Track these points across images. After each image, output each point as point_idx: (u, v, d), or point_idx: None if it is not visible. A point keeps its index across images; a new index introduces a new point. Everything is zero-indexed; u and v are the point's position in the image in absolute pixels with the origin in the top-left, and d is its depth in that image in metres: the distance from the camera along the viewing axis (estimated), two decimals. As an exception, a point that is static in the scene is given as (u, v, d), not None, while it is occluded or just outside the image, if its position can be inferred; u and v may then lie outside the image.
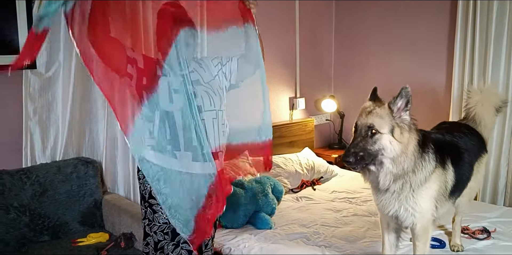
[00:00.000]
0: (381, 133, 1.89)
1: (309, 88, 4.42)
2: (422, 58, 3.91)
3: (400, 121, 1.92)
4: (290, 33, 4.20)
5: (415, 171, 1.97)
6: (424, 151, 2.00)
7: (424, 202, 2.04)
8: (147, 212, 1.99)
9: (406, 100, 1.92)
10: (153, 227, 1.98)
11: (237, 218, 2.86)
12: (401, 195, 2.01)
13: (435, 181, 2.05)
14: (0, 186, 2.56)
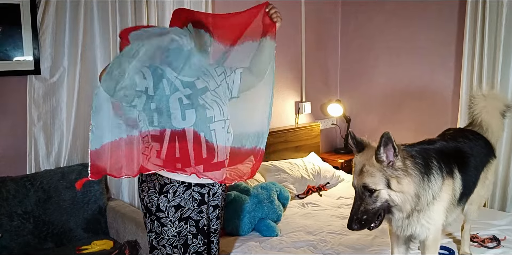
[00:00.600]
0: (377, 189, 1.84)
1: (314, 93, 4.39)
2: (429, 62, 3.87)
3: (394, 171, 1.84)
4: (295, 37, 4.17)
5: (421, 196, 1.90)
6: (429, 171, 1.94)
7: (437, 214, 2.01)
8: (154, 225, 1.92)
9: (391, 146, 1.83)
10: (162, 241, 1.91)
11: (242, 225, 2.83)
12: (414, 217, 1.96)
13: (445, 192, 2.01)
14: (5, 192, 2.55)
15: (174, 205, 1.88)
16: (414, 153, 1.96)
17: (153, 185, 1.88)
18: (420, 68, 3.92)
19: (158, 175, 1.87)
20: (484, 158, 2.35)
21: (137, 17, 2.94)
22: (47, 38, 2.71)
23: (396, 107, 4.14)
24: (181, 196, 1.89)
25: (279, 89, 4.07)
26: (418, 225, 1.99)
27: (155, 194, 1.88)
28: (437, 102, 3.83)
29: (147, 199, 1.90)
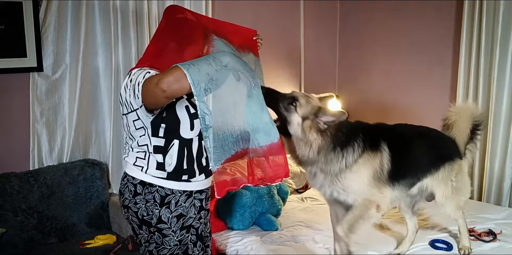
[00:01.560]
0: (296, 110, 1.96)
1: (313, 88, 4.42)
2: (427, 59, 3.90)
3: (314, 121, 1.97)
4: (295, 33, 4.20)
5: (329, 162, 2.03)
6: (349, 143, 2.05)
7: (355, 184, 2.09)
8: (154, 236, 1.83)
9: (333, 121, 1.96)
10: (162, 251, 1.84)
11: (243, 219, 2.87)
12: (327, 180, 2.08)
13: (364, 164, 2.08)
14: (9, 188, 2.59)
15: (176, 215, 1.82)
16: (346, 123, 2.08)
17: (152, 197, 1.79)
18: (418, 64, 3.95)
19: (158, 186, 1.78)
20: (441, 153, 2.40)
21: (138, 15, 2.98)
22: (49, 36, 2.73)
23: (393, 102, 4.18)
24: (182, 205, 1.83)
25: (279, 85, 4.09)
26: (335, 190, 2.10)
27: (156, 206, 1.79)
28: (435, 98, 3.87)
29: (144, 212, 1.80)
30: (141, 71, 1.70)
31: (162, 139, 1.75)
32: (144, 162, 1.78)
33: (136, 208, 1.80)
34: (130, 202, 1.82)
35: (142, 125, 1.74)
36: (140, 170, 1.79)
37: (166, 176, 1.78)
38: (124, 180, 1.85)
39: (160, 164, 1.77)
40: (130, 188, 1.81)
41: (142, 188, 1.79)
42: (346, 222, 2.14)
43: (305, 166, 2.09)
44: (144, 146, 1.77)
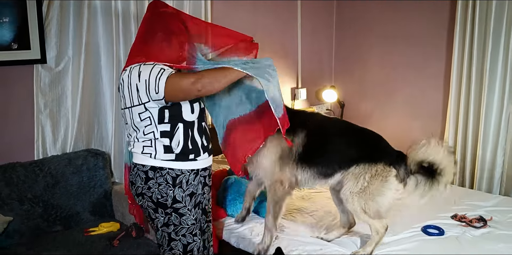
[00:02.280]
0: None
1: (310, 79, 4.49)
2: (422, 50, 3.97)
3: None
4: (292, 24, 4.25)
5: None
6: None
7: (264, 159, 2.37)
8: (172, 218, 1.98)
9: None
10: (181, 231, 1.99)
11: (242, 207, 2.95)
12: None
13: (276, 143, 2.34)
14: (15, 178, 2.64)
15: (188, 193, 1.97)
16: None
17: (163, 179, 1.93)
18: (413, 56, 4.03)
19: (168, 169, 1.93)
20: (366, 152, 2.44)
21: (138, 9, 3.04)
22: (52, 28, 2.77)
23: (389, 93, 4.26)
24: (192, 184, 1.99)
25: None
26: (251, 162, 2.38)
27: (169, 187, 1.94)
28: (429, 89, 3.95)
29: (158, 195, 1.94)
30: (149, 66, 1.84)
31: (168, 124, 1.91)
32: (151, 149, 1.92)
33: (150, 192, 1.95)
34: (143, 189, 1.96)
35: (149, 115, 1.89)
36: (149, 156, 1.92)
37: (174, 157, 1.93)
38: (134, 170, 1.98)
39: (168, 147, 1.92)
40: (141, 176, 1.95)
41: (154, 172, 1.93)
42: (268, 212, 2.45)
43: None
44: (150, 133, 1.91)
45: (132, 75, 1.85)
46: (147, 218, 2.06)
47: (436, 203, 3.03)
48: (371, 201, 2.40)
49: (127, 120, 1.97)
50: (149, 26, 1.94)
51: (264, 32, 4.03)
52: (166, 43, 1.92)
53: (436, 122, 3.95)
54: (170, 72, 1.82)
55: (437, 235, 2.63)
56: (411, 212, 2.92)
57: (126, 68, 1.91)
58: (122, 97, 1.94)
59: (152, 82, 1.80)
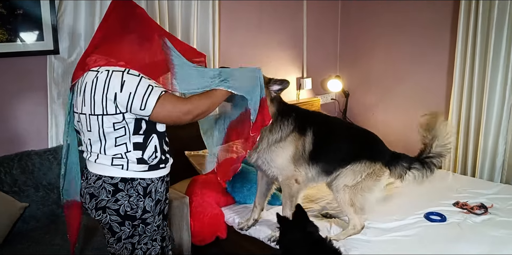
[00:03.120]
0: None
1: (315, 69, 4.54)
2: (427, 40, 4.00)
3: (268, 90, 2.33)
4: (297, 13, 4.29)
5: (273, 131, 2.44)
6: (285, 117, 2.47)
7: (280, 159, 2.49)
8: (138, 228, 1.86)
9: (280, 88, 2.36)
10: (144, 239, 1.89)
11: (250, 194, 3.02)
12: (259, 147, 2.46)
13: (291, 142, 2.48)
14: (30, 166, 2.72)
15: (155, 201, 1.87)
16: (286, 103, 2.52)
17: (134, 190, 1.81)
18: (418, 46, 4.06)
19: (140, 179, 1.81)
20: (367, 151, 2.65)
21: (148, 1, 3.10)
22: (65, 20, 2.82)
23: (393, 83, 4.30)
24: (159, 191, 1.88)
25: (281, 65, 4.22)
26: (260, 159, 2.51)
27: (140, 198, 1.82)
28: (433, 79, 3.99)
29: (127, 207, 1.81)
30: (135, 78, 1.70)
31: (141, 136, 1.80)
32: (123, 161, 1.78)
33: (117, 205, 1.80)
34: (108, 202, 1.80)
35: (124, 125, 1.75)
36: (120, 168, 1.78)
37: (147, 168, 1.82)
38: (98, 182, 1.81)
39: (140, 159, 1.80)
40: (108, 189, 1.79)
41: (124, 184, 1.79)
42: (285, 206, 2.56)
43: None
44: (122, 145, 1.78)
45: (111, 82, 1.68)
46: (106, 232, 1.90)
47: (439, 190, 3.15)
48: (360, 196, 2.60)
49: (89, 127, 1.77)
50: (123, 25, 1.78)
51: (270, 21, 4.08)
52: (138, 46, 1.80)
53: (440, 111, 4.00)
54: (160, 91, 1.71)
55: (439, 222, 2.72)
56: (414, 199, 3.02)
57: (94, 69, 1.74)
58: (87, 102, 1.74)
59: (138, 98, 1.68)
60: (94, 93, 1.71)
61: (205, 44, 3.55)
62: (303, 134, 2.52)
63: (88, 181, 1.84)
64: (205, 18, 3.51)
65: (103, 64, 1.74)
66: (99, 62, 1.75)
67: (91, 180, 1.83)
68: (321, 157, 2.58)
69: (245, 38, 3.93)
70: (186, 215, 2.75)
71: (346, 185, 2.59)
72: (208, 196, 2.94)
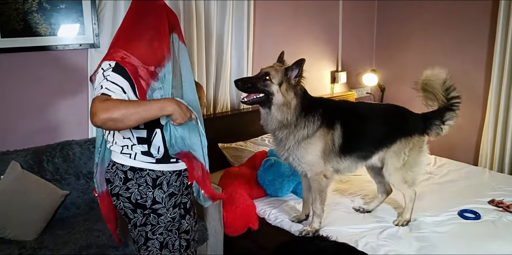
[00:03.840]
0: (272, 82, 2.36)
1: (350, 63, 4.51)
2: (463, 34, 3.92)
3: (288, 82, 2.37)
4: (333, 7, 4.27)
5: (298, 127, 2.44)
6: (310, 113, 2.45)
7: (309, 155, 2.49)
8: (150, 218, 1.88)
9: (298, 70, 2.36)
10: (158, 230, 1.91)
11: (282, 188, 3.04)
12: (288, 145, 2.48)
13: (319, 138, 2.48)
14: (71, 155, 2.83)
15: (168, 194, 1.88)
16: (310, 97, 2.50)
17: (144, 180, 1.83)
18: (454, 41, 3.98)
19: (149, 170, 1.84)
20: (399, 128, 2.65)
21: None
22: (105, 14, 2.91)
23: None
24: (173, 185, 1.90)
25: (315, 59, 4.21)
26: (290, 156, 2.52)
27: (149, 188, 1.84)
28: (470, 74, 3.90)
29: (137, 196, 1.84)
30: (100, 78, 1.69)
31: (144, 130, 1.79)
32: (130, 151, 1.82)
33: (128, 193, 1.84)
34: (120, 189, 1.85)
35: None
36: (128, 157, 1.82)
37: (155, 161, 1.84)
38: (113, 168, 1.86)
39: (147, 152, 1.82)
40: (120, 175, 1.84)
41: (133, 173, 1.83)
42: (315, 200, 2.57)
43: (278, 131, 2.47)
44: (127, 139, 1.81)
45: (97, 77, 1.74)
46: (124, 217, 1.95)
47: (474, 188, 3.10)
48: (411, 172, 2.66)
49: None
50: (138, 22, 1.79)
51: (305, 16, 4.07)
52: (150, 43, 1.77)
53: (477, 108, 3.92)
54: (99, 93, 1.62)
55: (473, 219, 2.68)
56: (448, 196, 2.98)
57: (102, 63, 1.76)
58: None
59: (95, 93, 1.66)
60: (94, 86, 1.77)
61: (239, 38, 3.60)
62: (331, 128, 2.51)
63: (108, 166, 1.91)
64: (240, 12, 3.55)
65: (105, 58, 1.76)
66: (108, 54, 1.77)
67: (109, 166, 1.90)
68: (354, 146, 2.59)
69: (279, 31, 3.94)
70: (219, 206, 2.81)
71: (395, 168, 2.63)
72: (240, 188, 2.98)
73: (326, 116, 2.49)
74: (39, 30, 2.73)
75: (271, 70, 2.39)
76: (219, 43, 3.53)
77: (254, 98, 2.40)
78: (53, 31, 2.78)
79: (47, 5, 2.72)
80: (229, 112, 3.70)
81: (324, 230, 2.58)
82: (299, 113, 2.42)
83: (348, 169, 2.67)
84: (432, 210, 2.79)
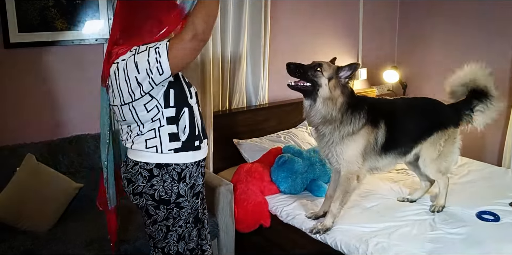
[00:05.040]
0: (322, 74, 2.37)
1: (371, 59, 4.43)
2: (487, 30, 3.80)
3: (337, 80, 2.38)
4: (353, 2, 4.19)
5: (344, 123, 2.43)
6: (356, 110, 2.45)
7: (350, 151, 2.47)
8: (172, 212, 1.89)
9: (351, 72, 2.38)
10: (178, 222, 1.91)
11: (295, 185, 3.02)
12: (331, 140, 2.47)
13: (363, 136, 2.48)
14: (86, 148, 2.86)
15: (190, 186, 1.90)
16: (356, 95, 2.51)
17: (169, 176, 1.83)
18: (478, 36, 3.86)
19: (174, 164, 1.83)
20: (435, 121, 2.69)
21: None
22: (120, 9, 2.93)
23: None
24: (194, 176, 1.90)
25: (335, 55, 4.10)
26: (330, 152, 2.51)
27: (174, 183, 1.85)
28: (495, 70, 3.75)
29: (162, 192, 1.84)
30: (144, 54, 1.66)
31: (173, 108, 1.79)
32: (155, 140, 1.80)
33: (152, 190, 1.83)
34: (144, 187, 1.84)
35: (155, 103, 1.76)
36: (154, 151, 1.81)
37: (181, 145, 1.83)
38: (135, 168, 1.85)
39: (174, 134, 1.81)
40: (144, 174, 1.83)
41: (159, 170, 1.82)
42: (337, 199, 2.54)
43: (322, 126, 2.46)
44: (156, 121, 1.79)
45: (128, 68, 1.69)
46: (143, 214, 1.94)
47: (495, 188, 3.01)
48: (445, 162, 2.75)
49: (123, 117, 1.82)
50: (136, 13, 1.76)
51: (325, 11, 4.01)
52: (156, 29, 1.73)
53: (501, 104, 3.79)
54: (165, 45, 1.64)
55: (492, 221, 2.59)
56: (467, 196, 2.90)
57: (116, 61, 1.74)
58: (116, 94, 1.77)
59: (154, 67, 1.65)
60: (119, 84, 1.73)
61: (255, 33, 3.58)
62: (376, 127, 2.51)
63: (127, 167, 1.89)
64: (256, 7, 3.53)
65: (122, 53, 1.73)
66: (120, 52, 1.74)
67: (129, 166, 1.88)
68: (395, 144, 2.61)
69: (296, 27, 3.89)
70: (230, 202, 2.79)
71: (431, 159, 2.69)
72: (253, 184, 2.97)
73: (371, 114, 2.50)
74: (55, 25, 2.77)
75: (324, 63, 2.41)
76: (235, 39, 3.50)
77: (301, 85, 2.42)
78: (69, 26, 2.82)
79: (63, 0, 2.75)
80: (245, 108, 3.68)
81: (335, 229, 2.54)
82: (345, 110, 2.43)
83: (387, 166, 2.71)
84: (449, 211, 2.71)
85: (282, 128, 3.74)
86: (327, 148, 2.52)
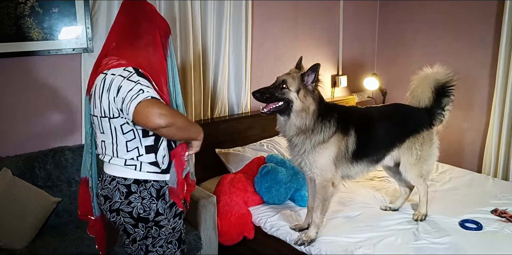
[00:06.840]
0: (289, 89, 2.35)
1: (351, 66, 4.44)
2: (468, 37, 3.85)
3: (305, 88, 2.37)
4: (333, 10, 4.20)
5: (315, 132, 2.43)
6: (326, 118, 2.45)
7: (323, 159, 2.48)
8: (151, 231, 1.83)
9: (314, 75, 2.35)
10: (158, 242, 1.86)
11: (279, 195, 2.99)
12: (303, 149, 2.47)
13: (334, 143, 2.48)
14: (63, 161, 2.78)
15: (169, 204, 1.85)
16: (326, 102, 2.50)
17: (148, 193, 1.78)
18: (458, 42, 3.91)
19: (153, 181, 1.79)
20: (407, 127, 2.71)
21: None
22: (99, 18, 2.86)
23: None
24: None
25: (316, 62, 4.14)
26: (303, 161, 2.50)
27: (153, 200, 1.79)
28: (475, 77, 3.83)
29: (140, 210, 1.78)
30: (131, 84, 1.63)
31: (152, 137, 1.76)
32: (136, 162, 1.77)
33: (130, 207, 1.78)
34: (121, 204, 1.78)
35: (132, 128, 1.73)
36: (133, 168, 1.77)
37: (160, 170, 1.80)
38: (112, 184, 1.79)
39: (154, 162, 1.78)
40: (121, 190, 1.78)
41: (137, 186, 1.78)
42: (317, 208, 2.54)
43: (295, 137, 2.46)
44: (134, 149, 1.76)
45: (112, 86, 1.66)
46: (122, 233, 1.91)
47: (476, 196, 3.03)
48: (425, 165, 2.76)
49: (102, 129, 1.77)
50: (134, 28, 1.77)
51: (305, 18, 4.01)
52: (152, 49, 1.77)
53: (481, 112, 3.84)
54: (146, 96, 1.59)
55: (475, 230, 2.60)
56: (449, 205, 2.91)
57: (104, 72, 1.72)
58: (97, 104, 1.74)
59: (127, 102, 1.60)
60: (101, 96, 1.71)
61: (237, 40, 3.55)
62: (346, 134, 2.52)
63: (104, 182, 1.83)
64: (237, 13, 3.50)
65: (113, 66, 1.71)
66: (110, 64, 1.73)
67: (106, 181, 1.82)
68: (366, 152, 2.61)
69: (279, 33, 3.88)
70: (214, 215, 2.75)
71: (411, 164, 2.71)
72: (236, 195, 2.93)
73: (341, 122, 2.51)
74: (31, 34, 2.69)
75: (287, 78, 2.39)
76: (217, 46, 3.47)
77: (273, 107, 2.40)
78: (46, 35, 2.73)
79: (39, 9, 2.68)
80: (227, 117, 3.64)
81: (320, 240, 2.52)
82: (316, 118, 2.43)
83: (359, 174, 2.70)
84: (432, 220, 2.72)
85: (265, 136, 3.72)
86: (299, 157, 2.51)
